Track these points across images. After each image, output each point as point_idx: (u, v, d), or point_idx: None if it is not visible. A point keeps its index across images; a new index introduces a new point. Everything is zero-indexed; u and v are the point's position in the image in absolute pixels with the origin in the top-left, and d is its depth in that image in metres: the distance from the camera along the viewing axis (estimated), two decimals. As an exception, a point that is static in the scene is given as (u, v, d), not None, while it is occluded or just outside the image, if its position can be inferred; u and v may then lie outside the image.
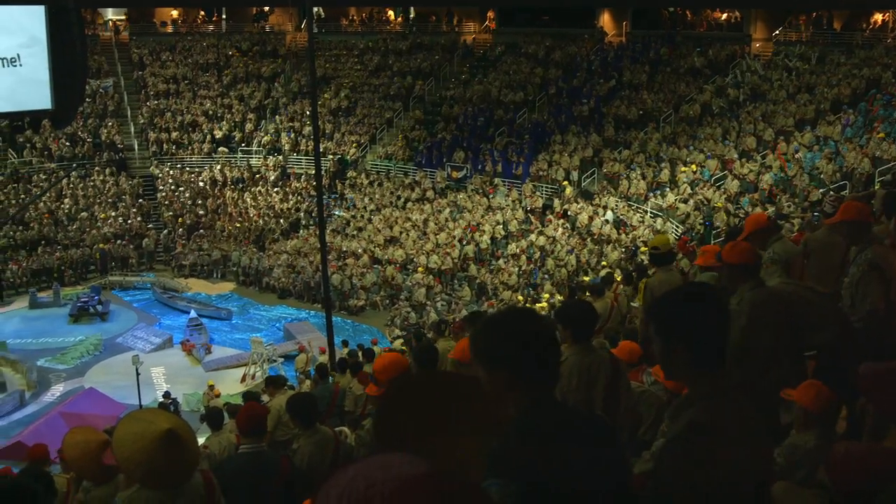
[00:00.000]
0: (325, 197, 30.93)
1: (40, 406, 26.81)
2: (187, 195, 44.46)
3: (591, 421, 3.08)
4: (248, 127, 48.58)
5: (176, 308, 35.64)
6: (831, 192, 24.47)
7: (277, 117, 48.96)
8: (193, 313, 33.50)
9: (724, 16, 47.69)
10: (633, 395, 6.51)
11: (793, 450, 4.99)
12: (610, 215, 34.70)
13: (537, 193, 38.22)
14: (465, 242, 36.37)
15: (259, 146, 47.62)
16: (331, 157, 44.62)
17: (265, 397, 13.69)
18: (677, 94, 40.39)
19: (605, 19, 48.50)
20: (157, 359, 29.99)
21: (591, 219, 35.07)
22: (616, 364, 6.25)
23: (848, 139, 31.71)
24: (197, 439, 5.84)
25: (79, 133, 45.99)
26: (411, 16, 56.48)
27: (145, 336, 32.26)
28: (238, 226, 42.27)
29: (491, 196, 39.09)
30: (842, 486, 3.88)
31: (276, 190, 45.00)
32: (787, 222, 22.57)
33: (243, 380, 28.02)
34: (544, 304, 28.67)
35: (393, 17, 57.07)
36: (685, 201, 32.97)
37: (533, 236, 35.51)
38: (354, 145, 45.92)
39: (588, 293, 14.66)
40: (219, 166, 46.42)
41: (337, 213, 41.66)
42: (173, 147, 47.61)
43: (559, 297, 28.40)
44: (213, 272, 39.64)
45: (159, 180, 45.70)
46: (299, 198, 44.16)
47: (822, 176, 30.07)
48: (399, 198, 41.57)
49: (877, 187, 26.16)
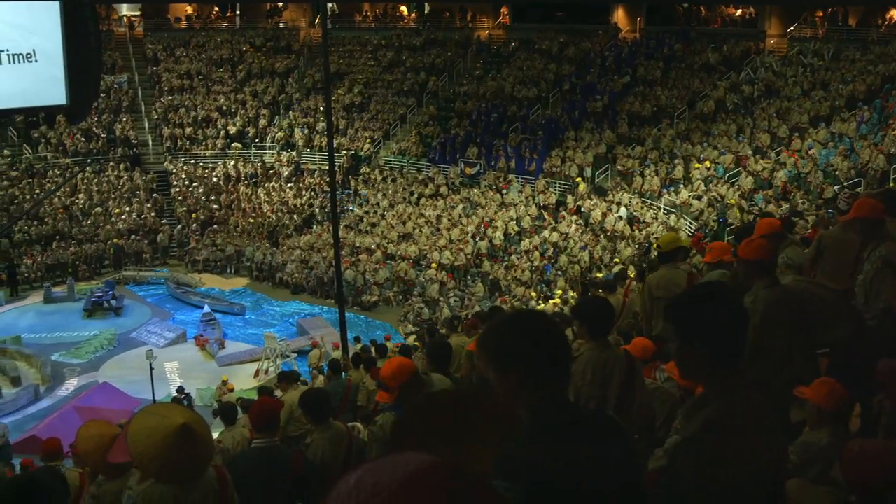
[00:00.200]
0: (338, 193, 30.89)
1: (55, 400, 26.89)
2: (201, 190, 44.56)
3: (603, 421, 3.07)
4: (262, 123, 48.64)
5: (189, 303, 35.69)
6: (846, 189, 24.37)
7: (291, 113, 48.99)
8: (207, 308, 33.50)
9: (739, 12, 47.52)
10: (647, 391, 6.50)
11: (806, 447, 4.98)
12: (623, 212, 34.62)
13: (550, 190, 38.18)
14: (478, 238, 36.36)
15: (272, 142, 47.69)
16: (344, 152, 44.67)
17: (278, 392, 13.72)
18: (691, 90, 40.27)
19: (620, 15, 48.41)
20: (170, 353, 30.07)
21: (604, 215, 34.99)
22: (631, 361, 6.25)
23: (863, 136, 31.52)
24: (211, 434, 5.87)
25: (93, 128, 46.10)
26: (425, 12, 56.46)
27: (159, 331, 32.34)
28: (251, 221, 42.35)
29: (504, 192, 39.06)
30: (856, 484, 3.87)
31: (289, 186, 45.06)
32: (802, 219, 22.46)
33: (256, 375, 28.07)
34: (557, 301, 28.65)
35: (406, 13, 57.06)
36: (699, 198, 32.87)
37: (546, 232, 35.46)
38: (368, 141, 45.95)
39: (600, 290, 14.64)
40: (232, 162, 46.49)
41: (350, 208, 41.69)
42: (187, 143, 47.73)
43: (572, 294, 28.37)
44: (226, 267, 39.70)
45: (173, 176, 45.79)
46: (312, 193, 44.22)
47: (836, 173, 29.93)
48: (412, 194, 41.58)
49: (892, 184, 26.10)
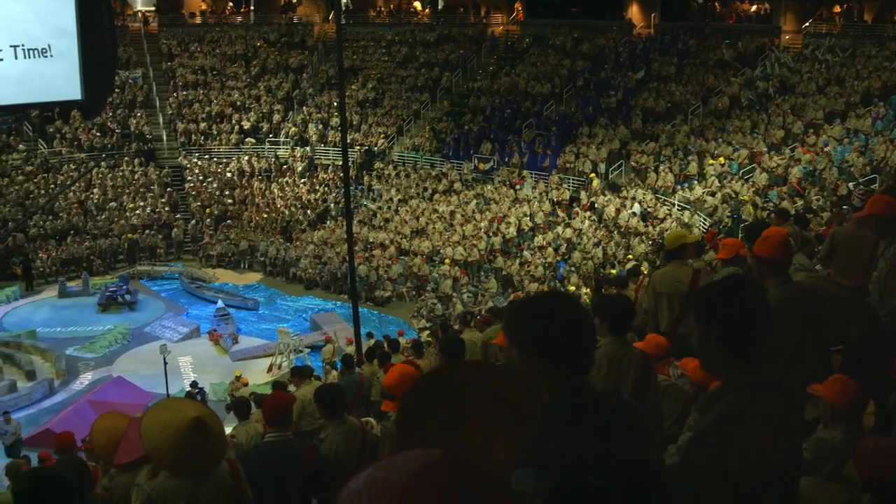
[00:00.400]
0: (351, 188, 30.91)
1: (69, 394, 26.96)
2: (215, 185, 44.64)
3: (626, 407, 3.05)
4: (276, 118, 48.72)
5: (203, 298, 35.81)
6: (861, 186, 24.28)
7: (305, 108, 49.05)
8: (221, 303, 33.57)
9: (754, 8, 47.40)
10: (659, 392, 6.50)
11: (820, 444, 4.96)
12: (637, 208, 34.55)
13: (564, 186, 38.11)
14: (491, 234, 36.33)
15: (286, 137, 47.75)
16: (358, 148, 44.68)
17: (291, 387, 13.75)
18: (706, 86, 40.12)
19: (634, 11, 48.31)
20: (184, 348, 30.16)
21: (617, 211, 34.91)
22: (647, 361, 6.28)
23: (878, 132, 31.38)
24: (224, 428, 5.88)
25: (108, 124, 46.26)
26: (439, 7, 56.46)
27: (173, 325, 32.43)
28: (265, 216, 42.40)
29: (518, 188, 39.02)
30: (870, 482, 3.86)
31: (303, 181, 45.12)
32: (816, 216, 22.38)
33: (270, 370, 28.11)
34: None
35: (420, 9, 57.07)
36: (713, 194, 32.77)
37: (559, 229, 35.40)
38: (381, 137, 45.96)
39: (612, 286, 14.62)
40: (246, 157, 46.58)
41: (364, 203, 41.70)
42: (201, 138, 47.84)
43: (585, 290, 28.33)
44: (240, 262, 39.80)
45: (187, 171, 45.90)
46: (326, 189, 44.27)
47: (851, 169, 29.81)
48: (426, 189, 41.58)
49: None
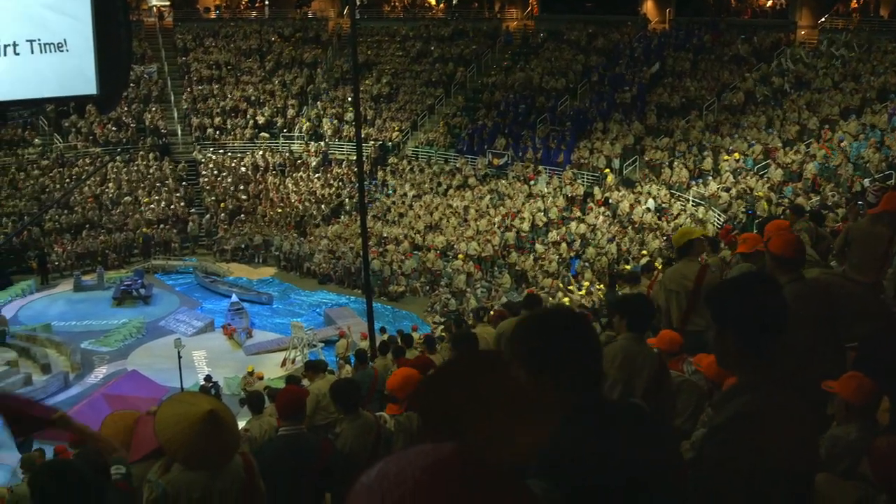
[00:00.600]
0: (366, 183, 30.94)
1: (84, 388, 27.06)
2: (229, 180, 44.72)
3: (640, 416, 3.03)
4: (290, 113, 48.77)
5: (217, 292, 35.90)
6: (876, 182, 24.15)
7: (319, 103, 49.08)
8: (235, 297, 33.67)
9: (770, 3, 47.23)
10: (672, 392, 6.49)
11: (834, 441, 4.94)
12: (651, 203, 34.46)
13: (578, 181, 38.03)
14: (504, 230, 36.28)
15: (300, 132, 47.79)
16: (372, 143, 44.70)
17: (305, 382, 13.76)
18: (721, 81, 39.95)
19: (649, 6, 48.13)
20: (198, 342, 30.26)
21: (632, 207, 34.84)
22: (663, 361, 6.32)
23: (894, 128, 31.23)
24: (237, 422, 5.90)
25: (123, 118, 46.40)
26: (453, 2, 56.39)
27: (187, 320, 32.53)
28: (279, 211, 42.47)
29: (532, 183, 38.95)
30: (884, 480, 3.85)
31: (317, 176, 45.16)
32: (831, 212, 22.28)
33: (283, 364, 28.16)
34: (583, 292, 28.59)
35: (435, 4, 57.04)
36: (727, 190, 32.66)
37: (573, 224, 35.34)
38: (396, 131, 45.95)
39: (625, 282, 14.60)
40: (261, 152, 46.66)
41: (378, 197, 41.70)
42: (216, 132, 47.93)
43: (599, 286, 28.28)
44: (254, 257, 39.89)
45: (202, 165, 46.02)
46: (340, 184, 44.30)
47: (867, 165, 29.68)
48: (440, 184, 41.57)
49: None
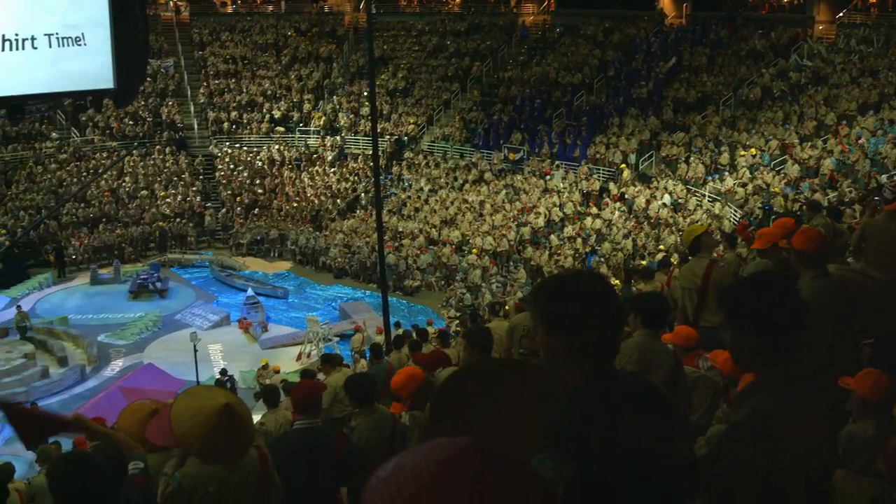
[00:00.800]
0: (381, 178, 30.98)
1: (100, 380, 27.20)
2: (245, 174, 44.81)
3: (653, 392, 3.02)
4: (306, 107, 48.81)
5: (233, 286, 35.99)
6: (894, 178, 24.02)
7: (335, 98, 49.10)
8: (250, 291, 33.79)
9: (787, -3, 47.01)
10: (686, 389, 6.49)
11: (851, 438, 4.92)
12: (667, 199, 34.36)
13: (594, 176, 37.95)
14: (520, 224, 36.22)
15: (316, 126, 47.82)
16: (388, 137, 44.70)
17: (321, 375, 13.78)
18: (737, 77, 39.77)
19: (666, 1, 47.94)
20: (214, 336, 30.33)
21: (648, 202, 34.76)
22: (677, 357, 6.33)
23: (913, 124, 31.10)
24: (252, 416, 5.92)
25: (140, 112, 46.54)
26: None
27: (203, 313, 32.62)
28: (295, 205, 42.54)
29: (548, 178, 38.89)
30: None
31: (333, 170, 45.20)
32: (849, 208, 22.16)
33: (299, 358, 28.23)
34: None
35: (451, -2, 56.97)
36: (744, 185, 32.53)
37: (589, 219, 35.25)
38: (412, 126, 45.94)
39: (640, 277, 14.56)
40: (277, 146, 46.72)
41: (393, 192, 41.70)
42: (232, 127, 48.02)
43: (615, 282, 28.22)
44: (270, 251, 39.96)
45: (218, 159, 46.13)
46: (356, 178, 44.33)
47: (885, 161, 29.51)
48: (455, 179, 41.54)
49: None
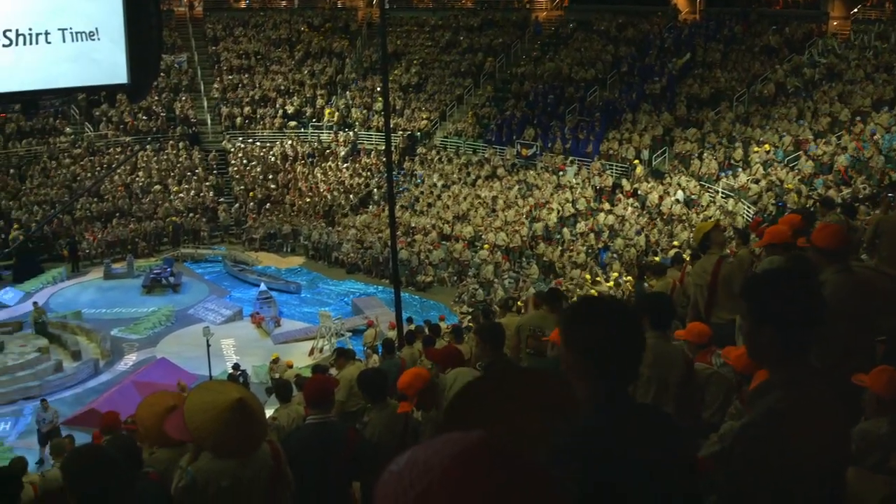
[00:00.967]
0: (394, 173, 31.00)
1: (113, 375, 27.27)
2: (258, 169, 44.89)
3: (661, 420, 3.07)
4: (319, 102, 48.83)
5: (246, 281, 36.03)
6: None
7: (348, 93, 49.10)
8: (263, 286, 33.79)
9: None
10: (699, 385, 6.49)
11: (864, 435, 4.90)
12: (680, 195, 34.27)
13: (607, 172, 37.88)
14: (532, 220, 36.18)
15: (331, 119, 47.82)
16: (401, 133, 44.70)
17: (333, 371, 13.79)
18: (751, 72, 39.62)
19: (680, -4, 47.79)
20: (227, 331, 30.38)
21: (661, 198, 34.68)
22: (689, 357, 6.35)
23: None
24: (265, 411, 5.93)
25: (153, 107, 46.64)
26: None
27: (216, 308, 32.69)
28: (308, 200, 42.58)
29: (560, 174, 38.82)
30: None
31: (345, 165, 45.23)
32: (863, 205, 22.06)
33: (311, 353, 28.26)
34: (611, 284, 28.52)
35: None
36: (757, 182, 32.43)
37: (602, 215, 35.20)
38: (424, 121, 45.92)
39: (652, 273, 14.54)
40: (290, 141, 46.77)
41: (406, 187, 41.70)
42: (245, 122, 48.08)
43: (627, 278, 28.19)
44: (283, 246, 40.03)
45: (231, 154, 46.21)
46: (369, 173, 44.35)
47: (899, 158, 29.40)
48: (468, 174, 41.51)
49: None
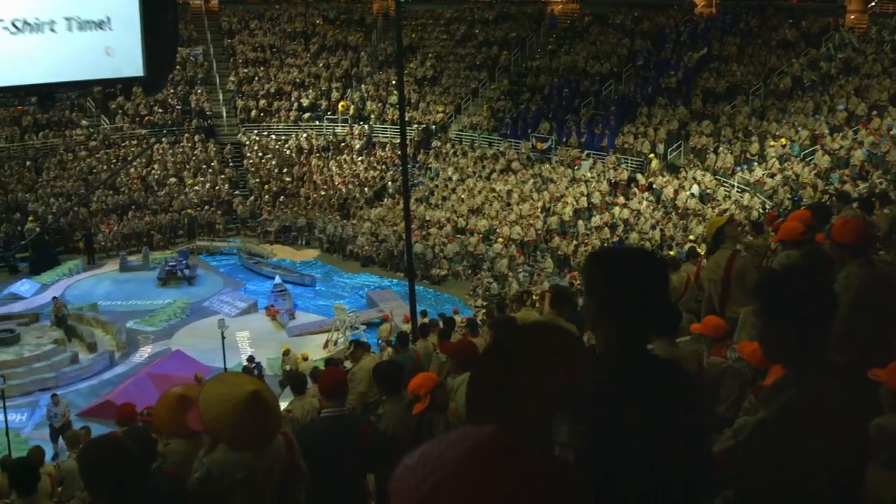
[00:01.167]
0: (409, 166, 30.94)
1: (129, 367, 27.38)
2: (274, 162, 44.96)
3: (677, 375, 3.02)
4: (335, 95, 48.85)
5: (261, 274, 36.12)
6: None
7: (363, 86, 49.11)
8: (278, 279, 33.82)
9: (819, -14, 46.43)
10: (710, 383, 6.49)
11: (880, 430, 4.88)
12: (696, 189, 34.17)
13: (622, 166, 37.80)
14: (547, 214, 36.13)
15: (344, 114, 47.83)
16: (416, 126, 44.68)
17: (348, 363, 13.80)
18: (768, 66, 39.43)
19: (696, -11, 47.55)
20: (241, 323, 30.41)
21: (676, 192, 34.59)
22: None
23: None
24: (279, 403, 5.94)
25: (169, 100, 46.75)
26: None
27: (231, 301, 32.75)
28: (323, 193, 42.62)
29: (576, 168, 38.76)
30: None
31: (360, 158, 45.25)
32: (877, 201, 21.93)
33: (326, 346, 28.31)
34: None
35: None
36: (773, 176, 32.30)
37: (617, 209, 35.13)
38: (440, 115, 45.88)
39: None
40: (305, 134, 46.80)
41: (421, 181, 41.71)
42: (260, 115, 48.15)
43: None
44: (297, 239, 40.09)
45: (246, 147, 46.27)
46: (384, 167, 44.37)
47: (917, 152, 29.24)
48: (483, 168, 41.48)
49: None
